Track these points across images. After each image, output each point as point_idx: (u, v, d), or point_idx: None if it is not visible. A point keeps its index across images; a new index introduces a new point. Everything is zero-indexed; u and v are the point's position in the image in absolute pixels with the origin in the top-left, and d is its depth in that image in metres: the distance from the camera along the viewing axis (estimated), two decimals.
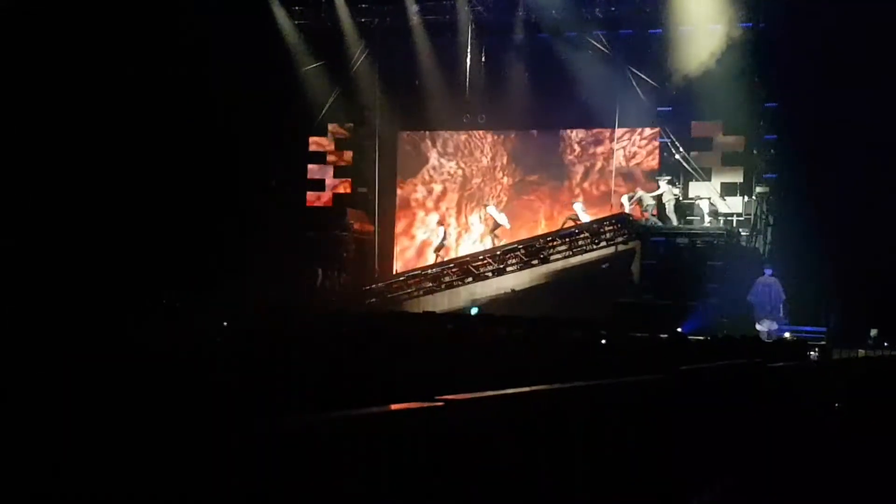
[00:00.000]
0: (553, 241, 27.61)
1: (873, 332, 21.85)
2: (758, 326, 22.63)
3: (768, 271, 23.37)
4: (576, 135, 28.71)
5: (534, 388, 4.19)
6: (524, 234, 28.44)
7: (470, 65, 28.48)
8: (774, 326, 22.53)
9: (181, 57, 25.79)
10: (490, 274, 27.81)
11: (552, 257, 27.43)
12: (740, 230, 25.80)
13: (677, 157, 26.96)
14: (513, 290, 27.44)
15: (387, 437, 3.12)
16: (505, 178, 29.29)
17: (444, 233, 29.18)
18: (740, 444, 7.18)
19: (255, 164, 29.00)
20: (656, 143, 27.75)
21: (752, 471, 7.35)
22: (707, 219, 26.25)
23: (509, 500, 3.75)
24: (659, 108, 26.90)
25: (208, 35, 25.36)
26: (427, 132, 30.12)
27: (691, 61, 26.01)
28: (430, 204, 30.17)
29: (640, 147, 28.10)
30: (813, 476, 8.11)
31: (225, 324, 8.88)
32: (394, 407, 3.23)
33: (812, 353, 15.95)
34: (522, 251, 27.61)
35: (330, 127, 30.39)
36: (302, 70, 29.45)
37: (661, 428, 5.57)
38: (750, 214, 25.80)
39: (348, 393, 5.48)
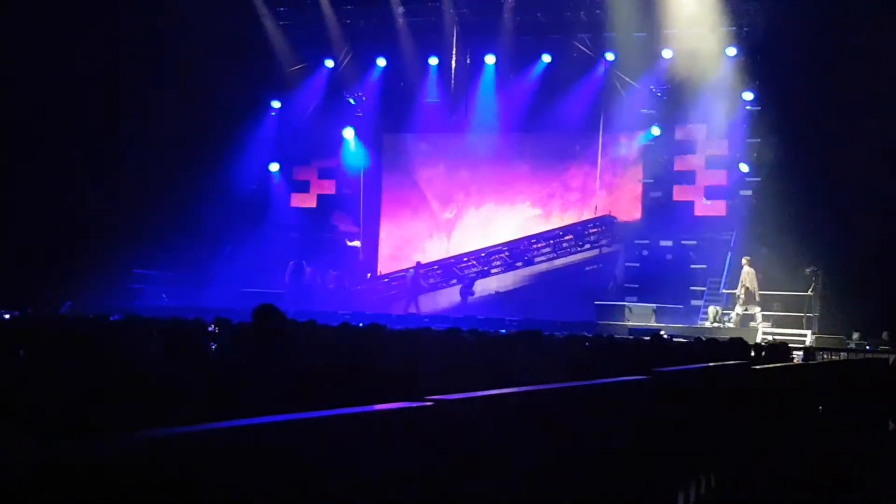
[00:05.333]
0: (537, 243, 27.68)
1: (855, 335, 22.01)
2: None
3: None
4: (561, 137, 28.63)
5: (521, 388, 4.21)
6: (506, 237, 28.50)
7: (455, 67, 28.49)
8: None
9: (166, 56, 25.76)
10: (474, 276, 27.88)
11: (536, 259, 27.51)
12: (724, 233, 25.90)
13: (661, 160, 27.09)
14: (496, 293, 27.52)
15: (374, 438, 3.13)
16: (488, 180, 29.20)
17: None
18: (725, 444, 7.22)
19: (238, 165, 29.03)
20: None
21: (736, 471, 7.39)
22: None
23: (499, 499, 3.77)
24: (643, 111, 26.96)
25: (194, 33, 25.37)
26: (412, 134, 30.08)
27: (676, 65, 26.13)
28: (413, 206, 30.13)
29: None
30: (795, 476, 8.16)
31: (213, 327, 8.85)
32: (381, 407, 3.23)
33: (795, 355, 16.03)
34: (507, 253, 27.68)
35: None
36: (287, 71, 29.43)
37: (645, 429, 5.61)
38: (733, 217, 25.92)
39: (334, 393, 5.49)
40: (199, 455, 2.49)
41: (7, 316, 11.56)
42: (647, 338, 14.31)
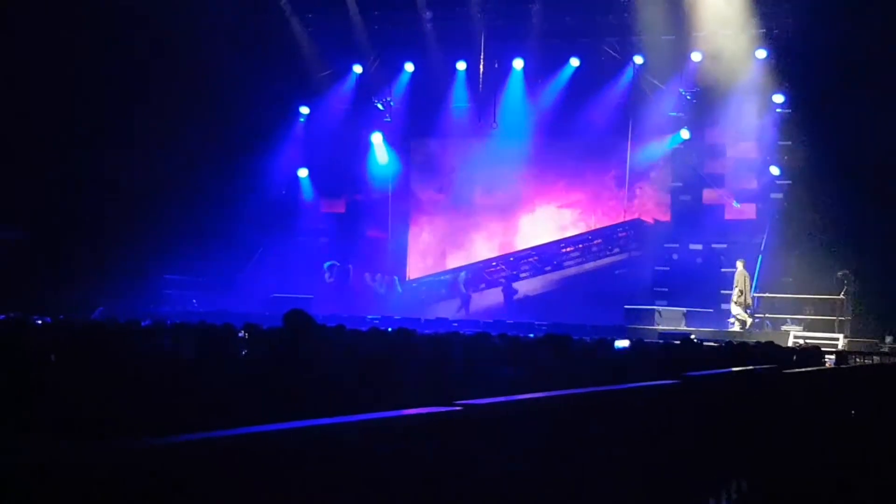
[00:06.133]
0: (567, 247, 27.61)
1: (888, 338, 21.79)
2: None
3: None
4: (589, 141, 28.36)
5: (549, 393, 4.20)
6: (535, 241, 28.44)
7: (483, 71, 28.45)
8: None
9: (195, 64, 25.90)
10: (503, 280, 27.84)
11: (566, 263, 27.45)
12: (754, 236, 25.68)
13: (691, 163, 26.91)
14: (525, 297, 27.43)
15: (402, 442, 3.13)
16: (516, 184, 29.05)
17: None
18: (755, 449, 7.17)
19: (267, 171, 29.17)
20: None
21: (767, 476, 7.34)
22: None
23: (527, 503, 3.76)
24: (672, 114, 26.77)
25: (222, 41, 25.53)
26: (440, 139, 29.99)
27: (705, 67, 25.98)
28: (441, 211, 30.06)
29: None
30: (828, 480, 8.09)
31: (243, 333, 8.88)
32: (410, 412, 3.24)
33: (828, 359, 15.89)
34: (536, 258, 27.64)
35: None
36: (315, 77, 29.53)
37: (675, 433, 5.58)
38: (764, 221, 25.73)
39: (363, 398, 5.50)
40: (230, 459, 2.50)
41: (39, 322, 11.67)
42: (677, 342, 14.23)
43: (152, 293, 26.07)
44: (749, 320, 23.01)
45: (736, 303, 23.13)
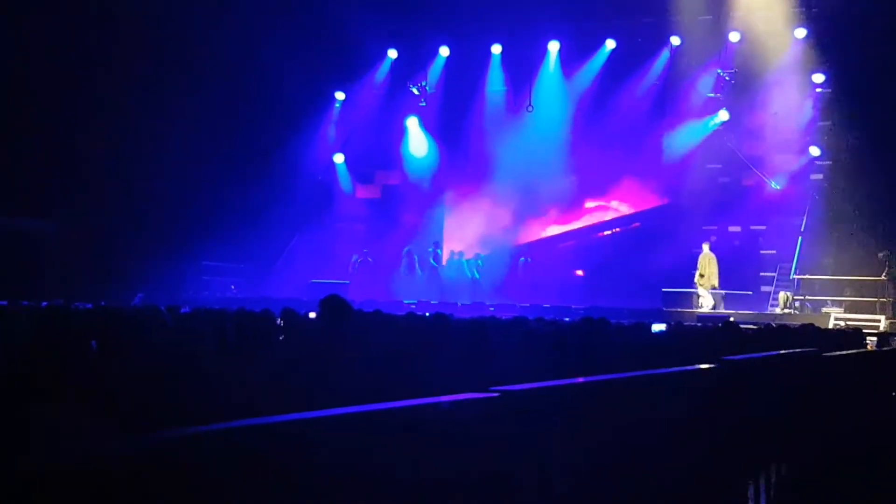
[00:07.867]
0: (605, 230, 27.50)
1: None
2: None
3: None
4: (626, 122, 28.10)
5: (588, 378, 4.19)
6: (572, 225, 28.33)
7: (518, 54, 28.33)
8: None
9: (233, 51, 25.99)
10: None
11: (603, 246, 27.35)
12: (794, 217, 25.44)
13: (729, 145, 26.65)
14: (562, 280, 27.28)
15: (441, 429, 3.13)
16: (553, 167, 28.84)
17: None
18: (795, 432, 7.11)
19: (303, 156, 29.29)
20: None
21: (807, 459, 7.28)
22: None
23: (565, 489, 3.75)
24: (710, 95, 26.52)
25: (257, 28, 25.62)
26: (475, 122, 29.81)
27: (744, 47, 25.72)
28: (477, 195, 29.94)
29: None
30: (868, 466, 8.01)
31: (279, 321, 8.92)
32: (448, 398, 3.24)
33: (869, 341, 15.72)
34: (573, 241, 27.55)
35: None
36: (350, 62, 29.56)
37: (714, 417, 5.55)
38: (804, 202, 25.46)
39: (400, 384, 5.51)
40: (268, 445, 2.52)
41: (81, 308, 11.78)
42: (713, 324, 14.13)
43: (191, 280, 26.29)
44: (712, 302, 23.15)
45: (700, 284, 23.27)
